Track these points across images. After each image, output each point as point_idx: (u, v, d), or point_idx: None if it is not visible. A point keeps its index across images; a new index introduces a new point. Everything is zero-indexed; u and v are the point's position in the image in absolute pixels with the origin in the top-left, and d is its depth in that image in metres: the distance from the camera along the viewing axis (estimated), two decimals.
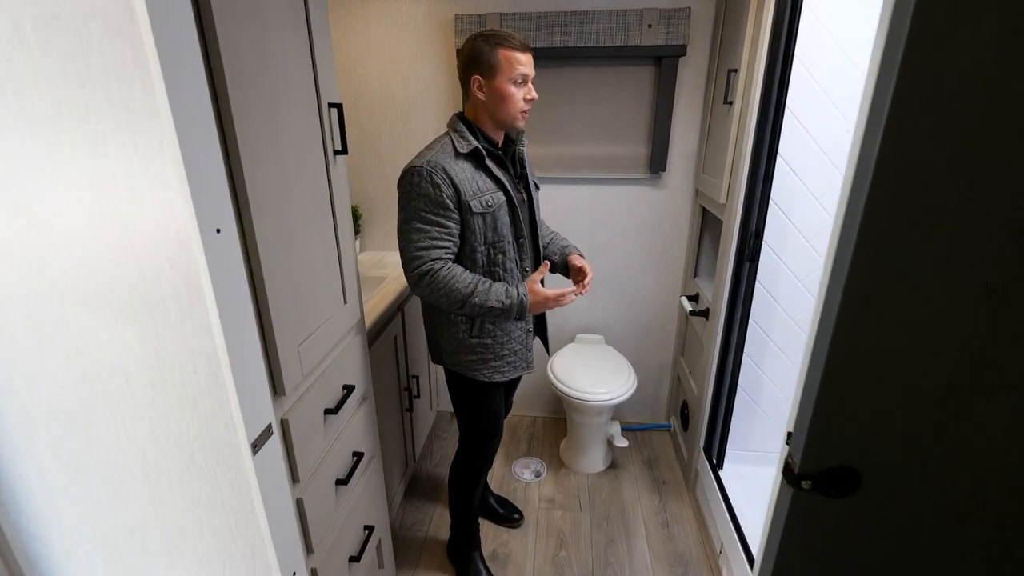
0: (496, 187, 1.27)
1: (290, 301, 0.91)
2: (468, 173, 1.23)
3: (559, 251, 1.54)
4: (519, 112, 1.24)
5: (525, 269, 1.37)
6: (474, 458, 1.55)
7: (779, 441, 1.93)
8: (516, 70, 1.19)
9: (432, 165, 1.19)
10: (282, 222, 0.88)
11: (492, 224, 1.27)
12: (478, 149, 1.23)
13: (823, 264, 0.72)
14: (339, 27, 1.96)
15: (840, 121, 1.51)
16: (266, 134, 0.82)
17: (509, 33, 1.20)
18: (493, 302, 1.23)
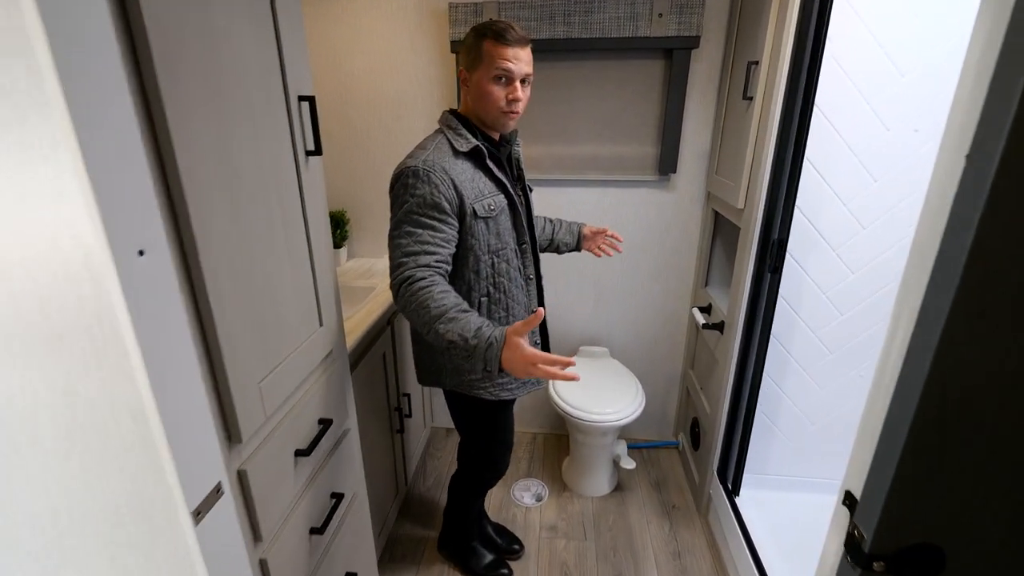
0: (497, 189, 1.16)
1: (248, 331, 0.77)
2: (468, 174, 1.12)
3: (567, 231, 1.51)
4: (500, 113, 1.12)
5: (529, 277, 1.27)
6: (482, 473, 1.46)
7: (799, 464, 1.81)
8: (497, 65, 1.07)
9: (429, 164, 1.07)
10: (237, 238, 0.73)
11: (495, 230, 1.16)
12: (479, 148, 1.13)
13: (903, 273, 0.59)
14: (324, 18, 1.81)
15: (872, 119, 1.37)
16: (214, 133, 0.68)
17: (503, 25, 1.06)
18: (454, 335, 0.97)
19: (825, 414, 1.69)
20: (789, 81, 1.31)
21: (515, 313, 1.24)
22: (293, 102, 0.87)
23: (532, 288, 1.28)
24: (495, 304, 1.21)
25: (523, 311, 1.26)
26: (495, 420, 1.36)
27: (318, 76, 1.88)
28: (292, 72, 0.86)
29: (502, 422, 1.38)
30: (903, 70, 1.32)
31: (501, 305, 1.21)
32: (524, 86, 1.11)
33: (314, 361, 0.99)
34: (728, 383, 1.65)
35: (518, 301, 1.24)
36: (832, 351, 1.61)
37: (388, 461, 1.71)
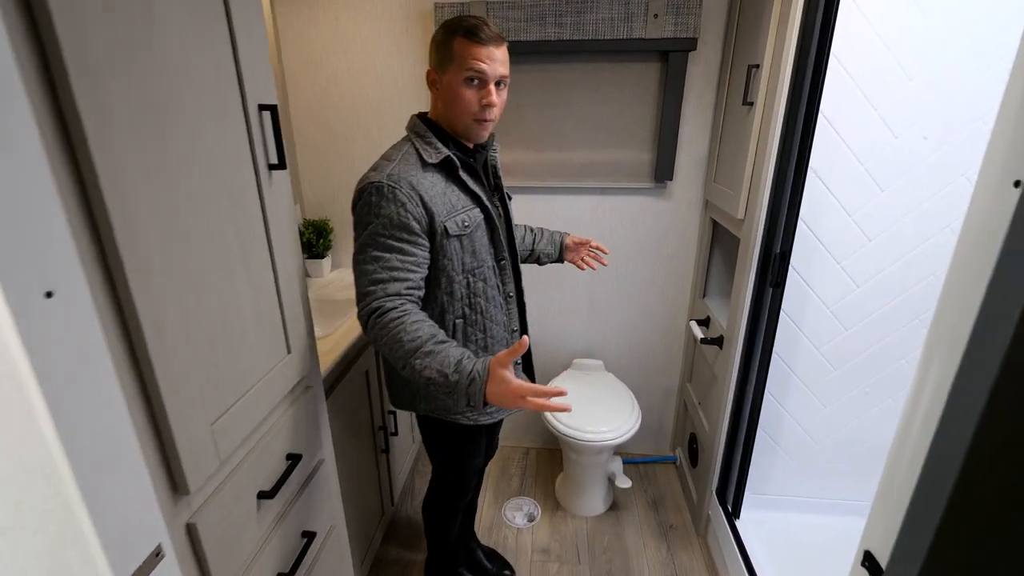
0: (472, 203, 1.06)
1: (197, 370, 0.69)
2: (439, 188, 1.02)
3: (548, 241, 1.41)
4: (472, 120, 1.02)
5: (509, 295, 1.18)
6: (449, 497, 1.38)
7: (801, 484, 1.74)
8: (468, 66, 0.96)
9: (394, 179, 0.97)
10: (182, 265, 0.65)
11: (470, 247, 1.07)
12: (450, 158, 1.03)
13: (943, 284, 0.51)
14: (301, 18, 1.73)
15: (878, 125, 1.30)
16: (151, 147, 0.59)
17: (475, 21, 0.96)
18: (433, 372, 0.90)
19: (829, 432, 1.62)
20: (792, 85, 1.23)
21: (494, 335, 1.15)
22: (252, 112, 0.79)
23: (512, 307, 1.19)
24: (472, 326, 1.12)
25: (503, 332, 1.17)
26: (470, 446, 1.28)
27: (296, 79, 1.80)
28: (251, 78, 0.78)
29: (477, 447, 1.30)
30: (911, 73, 1.25)
31: (478, 327, 1.12)
32: (499, 89, 1.01)
33: (280, 392, 0.91)
34: (727, 401, 1.58)
35: (497, 322, 1.15)
36: (836, 367, 1.54)
37: (372, 483, 1.63)
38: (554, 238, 1.43)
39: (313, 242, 1.87)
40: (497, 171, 1.18)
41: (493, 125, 1.05)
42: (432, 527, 1.47)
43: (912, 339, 1.47)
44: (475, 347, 1.13)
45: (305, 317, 0.99)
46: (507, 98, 1.06)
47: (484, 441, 1.33)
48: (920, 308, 1.44)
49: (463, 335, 1.12)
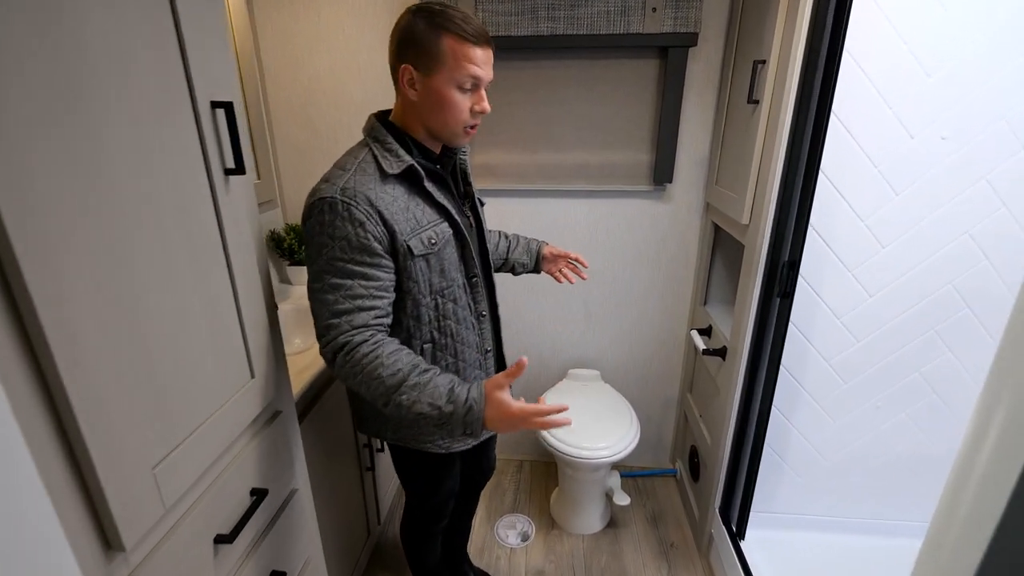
0: (439, 216, 0.95)
1: (132, 404, 0.59)
2: (401, 202, 0.90)
3: (524, 250, 1.31)
4: (463, 127, 0.92)
5: (482, 314, 1.08)
6: (424, 523, 1.30)
7: (808, 502, 1.65)
8: (465, 70, 0.86)
9: (350, 194, 0.85)
10: (110, 289, 0.56)
11: (438, 267, 0.96)
12: (413, 168, 0.91)
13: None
14: (282, 12, 1.63)
15: (893, 124, 1.22)
16: (65, 148, 0.50)
17: (462, 15, 0.86)
18: (423, 406, 0.84)
19: (838, 448, 1.54)
20: (801, 82, 1.15)
21: (465, 358, 1.05)
22: (203, 109, 0.70)
23: (485, 326, 1.09)
24: (441, 351, 1.02)
25: (475, 353, 1.07)
26: (443, 472, 1.18)
27: (276, 77, 1.70)
28: (200, 70, 0.69)
29: (450, 474, 1.20)
30: (929, 69, 1.17)
31: (448, 351, 1.03)
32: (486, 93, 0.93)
33: (242, 422, 0.82)
34: (731, 416, 1.49)
35: (468, 344, 1.05)
36: (847, 381, 1.46)
37: (357, 504, 1.54)
38: (530, 247, 1.32)
39: (295, 248, 1.78)
40: (467, 176, 1.08)
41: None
42: (411, 553, 1.38)
43: (928, 351, 1.39)
44: (446, 366, 1.05)
45: (272, 336, 0.90)
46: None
47: (458, 466, 1.24)
48: (937, 318, 1.36)
49: (431, 360, 1.02)
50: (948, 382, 1.43)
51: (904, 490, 1.57)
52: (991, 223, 1.26)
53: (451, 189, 1.01)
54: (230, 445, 0.79)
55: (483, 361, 1.10)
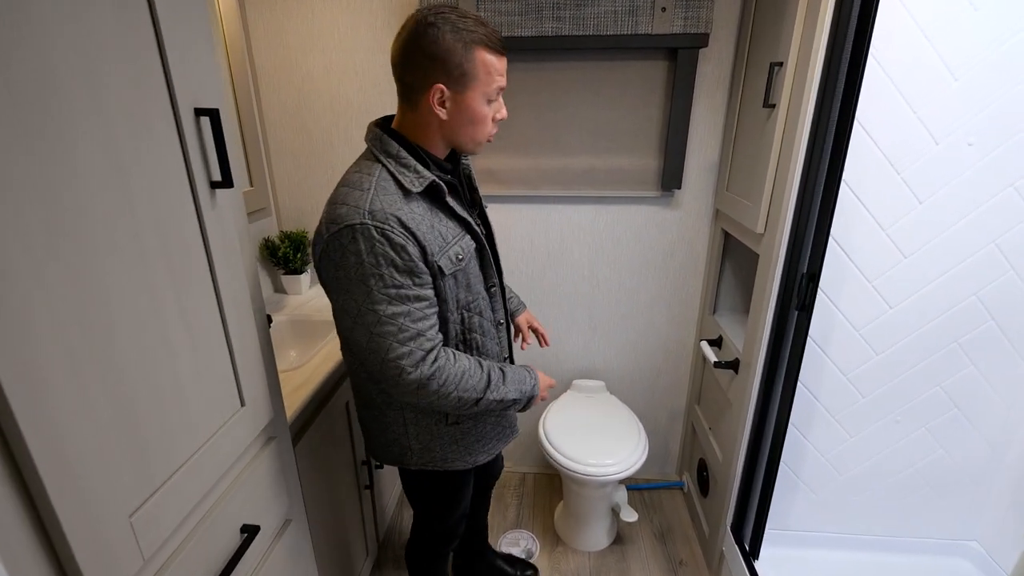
0: (462, 230, 0.92)
1: (104, 449, 0.53)
2: (427, 219, 0.85)
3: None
4: (486, 137, 0.91)
5: (500, 322, 1.06)
6: (435, 545, 1.26)
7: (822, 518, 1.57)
8: (495, 83, 0.85)
9: (380, 217, 0.80)
10: (79, 320, 0.50)
11: (465, 281, 0.93)
12: (436, 184, 0.87)
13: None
14: (275, 14, 1.57)
15: (917, 129, 1.16)
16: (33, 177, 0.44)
17: (487, 28, 0.82)
18: (513, 392, 0.97)
19: (855, 464, 1.49)
20: (822, 86, 1.09)
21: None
22: (186, 117, 0.63)
23: (503, 334, 1.08)
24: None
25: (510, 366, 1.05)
26: (464, 492, 1.17)
27: (269, 79, 1.64)
28: (182, 75, 0.62)
29: (466, 490, 1.19)
30: (956, 73, 1.11)
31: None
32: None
33: (231, 455, 0.75)
34: (745, 432, 1.44)
35: (491, 354, 1.03)
36: (865, 395, 1.40)
37: (355, 524, 1.48)
38: (513, 303, 1.34)
39: (290, 256, 1.72)
40: (472, 182, 1.05)
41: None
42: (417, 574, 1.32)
43: (950, 364, 1.34)
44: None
45: (265, 359, 0.84)
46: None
47: (472, 481, 1.21)
48: (960, 331, 1.30)
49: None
50: (970, 396, 1.37)
51: (924, 507, 1.52)
52: (1018, 232, 1.21)
53: (463, 199, 0.97)
54: (218, 481, 0.73)
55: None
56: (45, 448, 0.46)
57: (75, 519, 0.50)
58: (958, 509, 1.52)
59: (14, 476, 0.46)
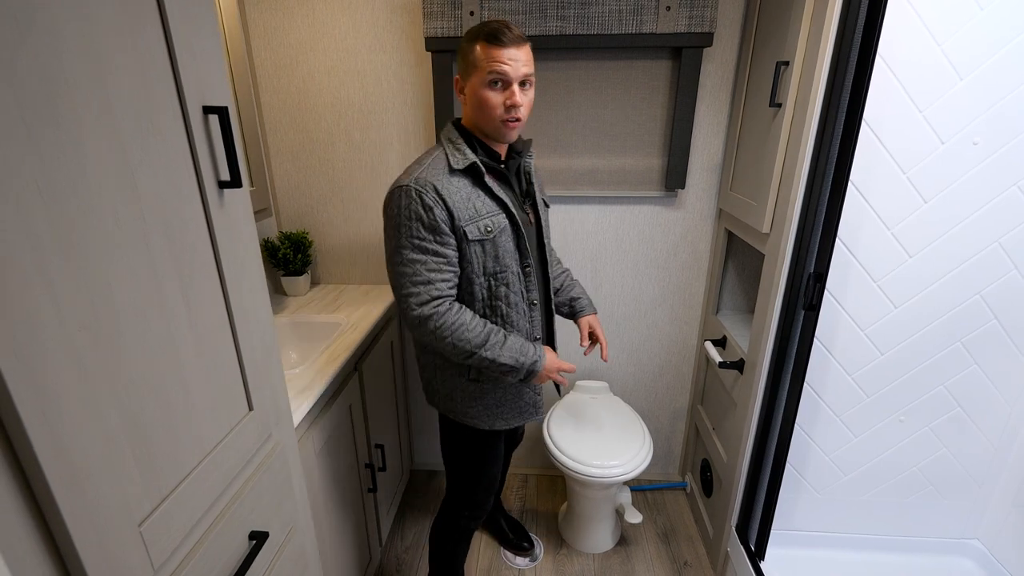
0: (498, 208, 1.06)
1: (112, 458, 0.52)
2: (464, 193, 1.02)
3: (568, 303, 1.39)
4: (499, 121, 1.01)
5: (533, 303, 1.15)
6: (460, 514, 1.32)
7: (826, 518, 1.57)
8: (490, 69, 0.97)
9: (421, 183, 0.99)
10: (87, 325, 0.48)
11: (493, 252, 1.06)
12: (475, 164, 1.03)
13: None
14: (275, 12, 1.55)
15: (923, 129, 1.16)
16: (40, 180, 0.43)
17: (497, 24, 0.96)
18: (506, 358, 1.05)
19: (859, 464, 1.49)
20: (829, 85, 1.09)
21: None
22: (195, 115, 0.62)
23: (536, 314, 1.15)
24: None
25: (524, 337, 1.14)
26: (484, 453, 1.24)
27: (269, 79, 1.62)
28: (191, 71, 0.61)
29: (491, 456, 1.26)
30: (962, 72, 1.12)
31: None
32: (524, 89, 1.00)
33: (240, 460, 0.74)
34: (750, 432, 1.43)
35: (518, 328, 1.13)
36: (869, 395, 1.40)
37: (358, 529, 1.46)
38: (575, 305, 1.38)
39: (290, 257, 1.70)
40: (530, 177, 1.18)
41: (522, 125, 1.04)
42: (436, 552, 1.39)
43: (953, 363, 1.34)
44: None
45: (273, 362, 0.83)
46: (534, 96, 1.06)
47: (501, 445, 1.27)
48: (964, 330, 1.31)
49: None
50: (974, 395, 1.38)
51: (927, 506, 1.52)
52: (1021, 231, 1.21)
53: (512, 187, 1.12)
54: (226, 487, 0.71)
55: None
56: (54, 457, 0.45)
57: (85, 529, 0.48)
58: (961, 508, 1.52)
59: (23, 486, 0.44)
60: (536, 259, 1.15)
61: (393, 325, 1.78)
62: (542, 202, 1.21)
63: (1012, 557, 1.45)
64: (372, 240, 1.81)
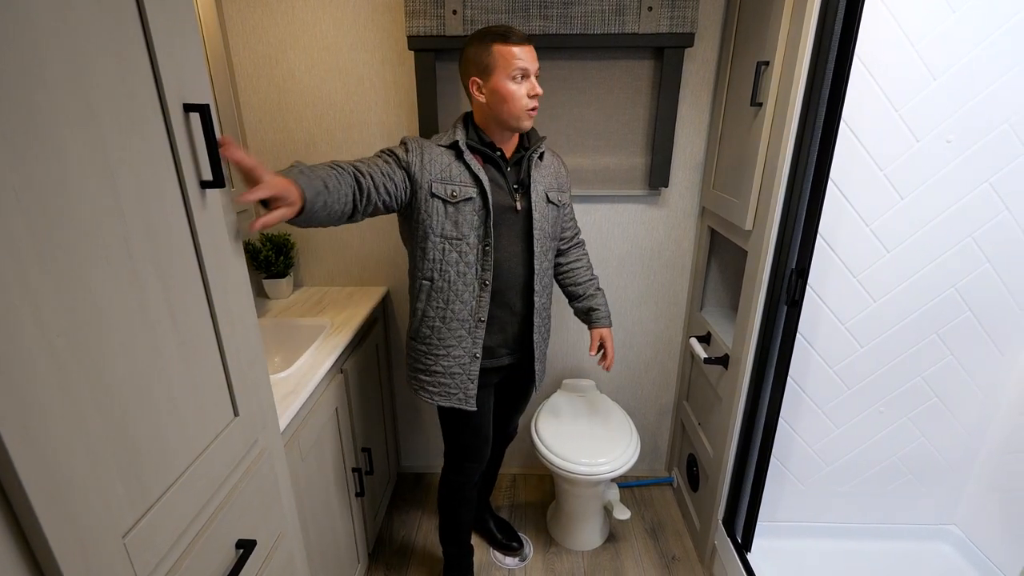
0: (472, 182, 1.14)
1: (96, 468, 0.50)
2: (445, 160, 1.15)
3: (586, 311, 1.44)
4: (524, 111, 1.13)
5: (485, 283, 1.19)
6: (449, 474, 1.47)
7: (809, 508, 1.61)
8: (513, 65, 1.09)
9: (414, 137, 1.18)
10: (67, 332, 0.46)
11: (454, 217, 1.15)
12: (456, 144, 1.16)
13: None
14: (254, 10, 1.52)
15: (899, 127, 1.20)
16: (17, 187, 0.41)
17: (505, 27, 1.11)
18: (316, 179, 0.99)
19: (840, 454, 1.52)
20: (808, 84, 1.11)
21: (455, 310, 1.20)
22: (175, 113, 0.60)
23: (486, 296, 1.20)
24: (436, 292, 1.20)
25: (467, 313, 1.21)
26: (452, 424, 1.37)
27: (248, 77, 1.59)
28: (170, 68, 0.59)
29: (462, 428, 1.36)
30: (935, 72, 1.15)
31: (442, 295, 1.20)
32: (537, 81, 1.13)
33: (226, 467, 0.72)
34: (735, 425, 1.45)
35: (463, 300, 1.20)
36: (850, 387, 1.43)
37: (346, 535, 1.44)
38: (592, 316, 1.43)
39: (272, 260, 1.67)
40: (530, 170, 1.22)
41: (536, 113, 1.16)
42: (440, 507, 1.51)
43: (930, 354, 1.38)
44: (435, 314, 1.21)
45: (258, 366, 0.81)
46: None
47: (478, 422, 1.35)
48: (938, 323, 1.35)
49: (427, 297, 1.21)
50: (949, 385, 1.42)
51: (906, 494, 1.56)
52: (993, 226, 1.25)
53: (503, 171, 1.19)
54: (212, 494, 0.69)
55: (474, 326, 1.22)
56: (34, 469, 0.43)
57: (66, 543, 0.47)
58: (938, 495, 1.57)
59: (0, 499, 0.42)
60: (518, 247, 1.20)
61: (379, 327, 1.76)
62: (544, 197, 1.22)
63: (988, 541, 1.50)
64: (356, 241, 1.79)
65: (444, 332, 1.22)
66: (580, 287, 1.43)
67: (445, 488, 1.49)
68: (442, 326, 1.21)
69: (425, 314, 1.22)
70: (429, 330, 1.22)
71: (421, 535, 1.83)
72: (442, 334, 1.22)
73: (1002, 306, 1.32)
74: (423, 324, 1.23)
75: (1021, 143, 1.18)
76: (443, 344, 1.22)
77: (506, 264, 1.20)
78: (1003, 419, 1.43)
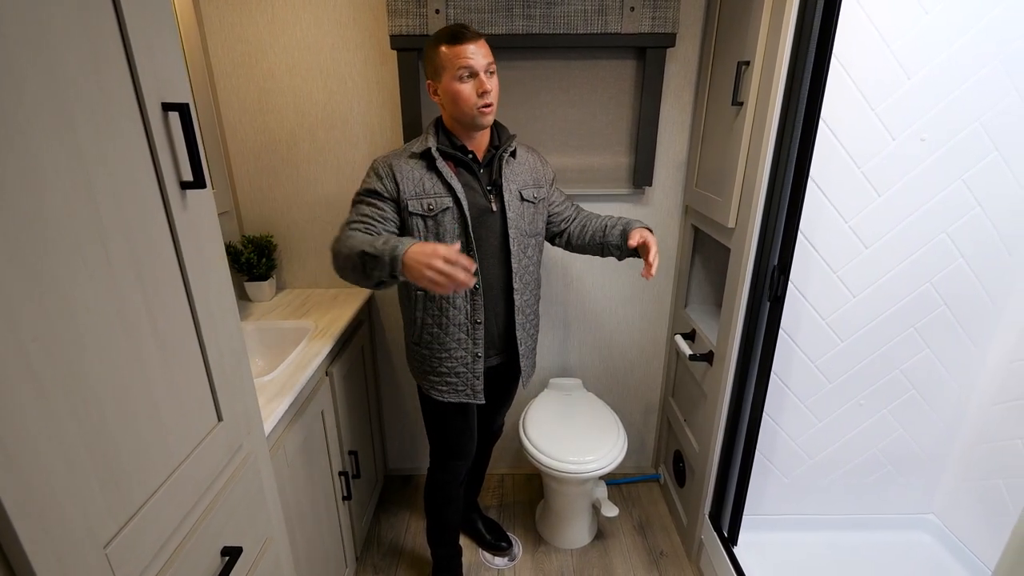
0: (445, 192, 1.16)
1: (75, 477, 0.49)
2: (417, 173, 1.16)
3: (619, 233, 1.27)
4: (475, 109, 1.12)
5: (476, 286, 1.21)
6: (435, 472, 1.47)
7: (792, 502, 1.65)
8: (457, 64, 1.09)
9: (380, 159, 1.19)
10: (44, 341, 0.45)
11: (435, 229, 1.17)
12: (429, 151, 1.16)
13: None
14: (233, 9, 1.50)
15: (875, 126, 1.22)
16: None
17: (456, 26, 1.10)
18: (366, 245, 1.04)
19: (823, 448, 1.55)
20: (788, 84, 1.13)
21: (450, 316, 1.23)
22: (153, 113, 0.59)
23: (479, 299, 1.22)
24: (430, 301, 1.23)
25: (463, 317, 1.23)
26: (438, 420, 1.37)
27: (228, 77, 1.56)
28: (148, 66, 0.58)
29: (447, 424, 1.37)
30: (910, 71, 1.18)
31: (436, 303, 1.22)
32: (490, 76, 1.12)
33: (210, 473, 0.71)
34: (720, 422, 1.47)
35: (456, 306, 1.22)
36: (831, 380, 1.46)
37: (333, 539, 1.42)
38: (628, 228, 1.25)
39: (254, 262, 1.64)
40: (502, 170, 1.21)
41: (494, 110, 1.14)
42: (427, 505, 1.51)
43: (907, 348, 1.42)
44: (433, 321, 1.24)
45: (242, 370, 0.80)
46: (498, 82, 1.17)
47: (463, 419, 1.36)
48: (915, 317, 1.38)
49: (423, 307, 1.24)
50: (926, 378, 1.45)
51: (886, 485, 1.60)
52: (966, 222, 1.29)
53: (477, 176, 1.20)
54: (196, 501, 0.68)
55: (470, 328, 1.24)
56: (10, 479, 0.42)
57: (45, 555, 0.45)
58: (916, 485, 1.60)
59: None
60: (496, 247, 1.22)
61: (364, 329, 1.75)
62: (517, 196, 1.21)
63: (965, 529, 1.54)
64: None
65: (444, 337, 1.24)
66: (602, 222, 1.30)
67: (431, 487, 1.49)
68: (441, 332, 1.24)
69: (424, 322, 1.25)
70: (430, 336, 1.25)
71: (410, 537, 1.82)
72: (442, 339, 1.25)
73: (975, 300, 1.35)
74: (424, 331, 1.26)
75: (991, 141, 1.21)
76: (444, 348, 1.25)
77: (486, 264, 1.22)
78: (977, 410, 1.47)
